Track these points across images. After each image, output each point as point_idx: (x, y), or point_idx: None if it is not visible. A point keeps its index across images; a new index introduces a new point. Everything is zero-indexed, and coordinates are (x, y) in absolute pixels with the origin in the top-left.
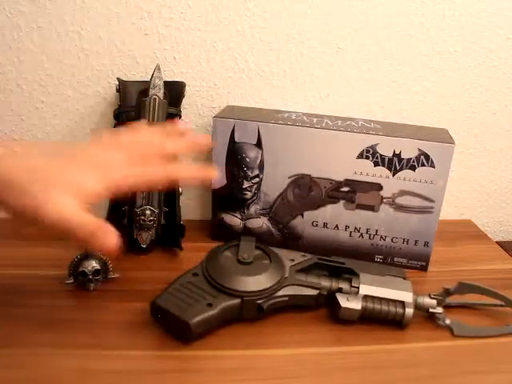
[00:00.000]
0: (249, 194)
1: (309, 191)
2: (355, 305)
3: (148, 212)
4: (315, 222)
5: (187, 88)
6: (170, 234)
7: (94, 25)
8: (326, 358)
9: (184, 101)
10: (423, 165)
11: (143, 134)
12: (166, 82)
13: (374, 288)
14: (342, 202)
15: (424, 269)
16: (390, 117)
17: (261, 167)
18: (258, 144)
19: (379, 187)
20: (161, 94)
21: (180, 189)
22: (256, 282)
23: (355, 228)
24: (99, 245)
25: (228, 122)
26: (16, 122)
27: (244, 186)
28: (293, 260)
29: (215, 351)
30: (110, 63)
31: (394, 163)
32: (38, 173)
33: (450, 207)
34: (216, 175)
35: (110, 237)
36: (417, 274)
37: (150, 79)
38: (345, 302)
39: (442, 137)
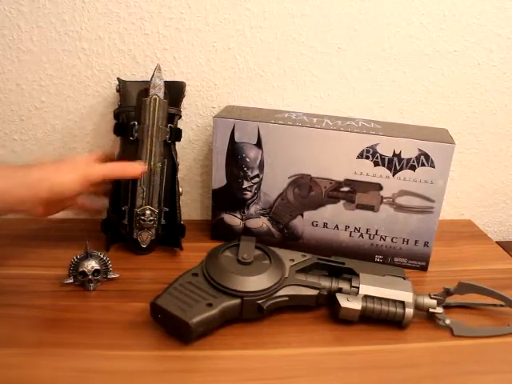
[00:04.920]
0: (249, 194)
1: (309, 191)
2: (355, 305)
3: (148, 212)
4: (315, 222)
5: (187, 88)
6: (170, 233)
7: (93, 25)
8: (326, 358)
9: (184, 101)
10: (423, 165)
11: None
12: (166, 82)
13: (374, 288)
14: (341, 201)
15: (424, 269)
16: (390, 117)
17: (261, 167)
18: (258, 144)
19: (379, 187)
20: (161, 93)
21: (180, 189)
22: (256, 282)
23: (355, 228)
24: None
25: (228, 121)
26: (16, 122)
27: (244, 186)
28: (293, 260)
29: (215, 351)
30: (110, 63)
31: (394, 163)
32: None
33: (450, 207)
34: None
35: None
36: (417, 274)
37: (151, 79)
38: (345, 302)
39: (442, 137)
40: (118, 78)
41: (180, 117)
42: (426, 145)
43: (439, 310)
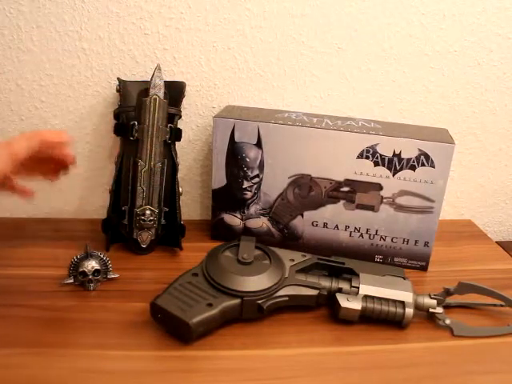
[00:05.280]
0: (249, 194)
1: (309, 191)
2: (355, 305)
3: (148, 212)
4: (315, 222)
5: (187, 88)
6: (170, 233)
7: (93, 25)
8: (326, 358)
9: (184, 101)
10: (423, 165)
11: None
12: (166, 82)
13: (374, 288)
14: (341, 201)
15: (424, 269)
16: (390, 117)
17: (261, 167)
18: (258, 144)
19: (379, 187)
20: (161, 93)
21: (180, 189)
22: (256, 282)
23: (355, 228)
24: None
25: (228, 121)
26: (16, 122)
27: (244, 186)
28: (293, 260)
29: (215, 351)
30: (109, 63)
31: (394, 163)
32: None
33: (450, 207)
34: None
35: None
36: (417, 274)
37: (151, 79)
38: (345, 302)
39: (442, 137)
40: (118, 78)
41: (180, 117)
42: (425, 145)
43: (439, 310)
